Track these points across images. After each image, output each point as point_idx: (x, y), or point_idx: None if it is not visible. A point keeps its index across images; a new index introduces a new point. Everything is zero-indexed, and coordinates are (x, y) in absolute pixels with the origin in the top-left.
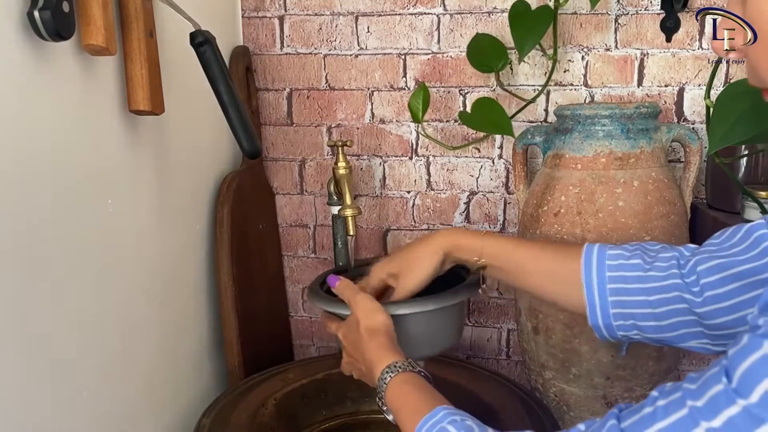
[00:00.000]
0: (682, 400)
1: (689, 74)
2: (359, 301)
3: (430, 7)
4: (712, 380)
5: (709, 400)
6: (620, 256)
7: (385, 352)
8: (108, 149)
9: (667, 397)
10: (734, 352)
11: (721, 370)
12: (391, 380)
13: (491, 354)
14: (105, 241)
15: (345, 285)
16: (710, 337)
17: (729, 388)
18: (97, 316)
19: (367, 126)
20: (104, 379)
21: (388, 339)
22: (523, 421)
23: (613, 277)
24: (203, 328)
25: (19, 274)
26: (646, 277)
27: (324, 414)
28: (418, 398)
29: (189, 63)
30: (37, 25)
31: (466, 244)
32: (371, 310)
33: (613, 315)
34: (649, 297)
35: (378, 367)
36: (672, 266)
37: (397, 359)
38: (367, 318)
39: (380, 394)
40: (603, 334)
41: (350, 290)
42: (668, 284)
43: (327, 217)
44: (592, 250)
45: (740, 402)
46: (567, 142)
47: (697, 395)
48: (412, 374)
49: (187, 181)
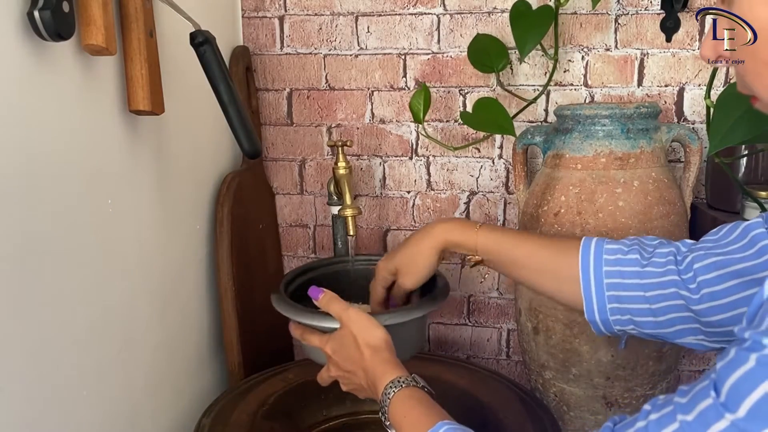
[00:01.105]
0: (673, 414)
1: (689, 74)
2: (352, 316)
3: (430, 7)
4: (701, 394)
5: (699, 415)
6: (618, 251)
7: (389, 367)
8: (108, 149)
9: (659, 411)
10: (722, 365)
11: (710, 384)
12: (394, 395)
13: (491, 354)
14: (105, 241)
15: (330, 298)
16: (707, 334)
17: (717, 403)
18: (97, 316)
19: (367, 126)
20: (104, 379)
21: (390, 354)
22: (523, 421)
23: (611, 271)
24: (203, 328)
25: (19, 274)
26: (644, 272)
27: (324, 414)
28: (421, 413)
29: (189, 63)
30: (37, 25)
31: (461, 240)
32: (368, 325)
33: (609, 310)
34: (646, 293)
35: (382, 382)
36: (669, 262)
37: (401, 374)
38: (365, 334)
39: (383, 409)
40: (600, 328)
41: (338, 304)
42: (665, 280)
43: (327, 217)
44: (590, 244)
45: (728, 416)
46: (567, 142)
47: (687, 409)
48: (415, 389)
49: (187, 181)
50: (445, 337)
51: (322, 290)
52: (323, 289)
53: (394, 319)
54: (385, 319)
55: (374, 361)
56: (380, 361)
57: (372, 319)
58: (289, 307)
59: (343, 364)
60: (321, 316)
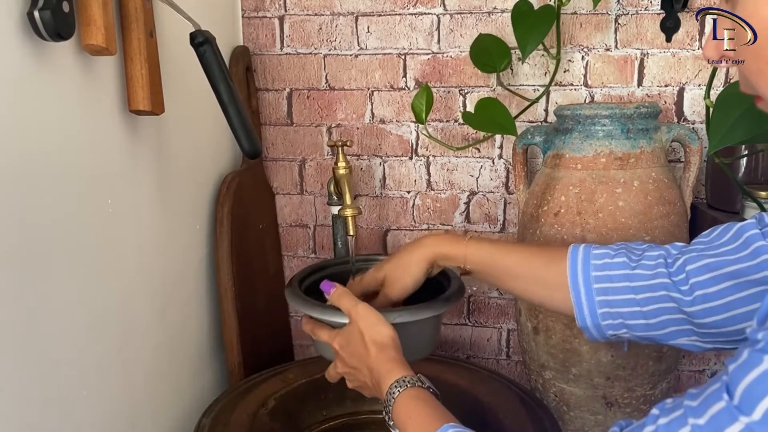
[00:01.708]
0: (683, 418)
1: (689, 74)
2: (360, 312)
3: (430, 7)
4: (713, 397)
5: (711, 418)
6: (605, 255)
7: (395, 366)
8: (108, 149)
9: (668, 414)
10: (735, 367)
11: (722, 387)
12: (399, 395)
13: (491, 354)
14: (105, 241)
15: (341, 293)
16: (700, 335)
17: (731, 406)
18: (97, 316)
19: (367, 126)
20: (104, 379)
21: (396, 352)
22: (523, 421)
23: (599, 276)
24: (203, 328)
25: (19, 274)
26: (633, 275)
27: (324, 414)
28: (426, 414)
29: (189, 63)
30: (37, 25)
31: (450, 252)
32: (375, 322)
33: (600, 315)
34: (636, 295)
35: (387, 381)
36: (659, 265)
37: (406, 374)
38: (372, 331)
39: (387, 409)
40: (592, 334)
41: (348, 299)
42: (655, 283)
43: (327, 217)
44: (577, 251)
45: (743, 419)
46: (567, 142)
47: (698, 413)
48: (420, 390)
49: (187, 181)
50: (445, 337)
51: (334, 285)
52: (335, 283)
53: (404, 317)
54: (395, 317)
55: (379, 359)
56: (386, 359)
57: (380, 315)
58: (301, 300)
59: (349, 360)
60: (331, 310)
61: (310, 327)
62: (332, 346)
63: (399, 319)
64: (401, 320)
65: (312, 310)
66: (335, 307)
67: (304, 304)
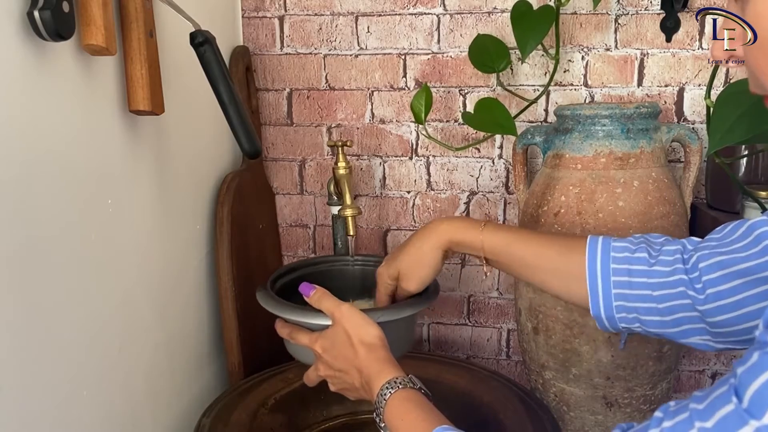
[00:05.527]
0: (689, 421)
1: (689, 74)
2: (345, 313)
3: (430, 7)
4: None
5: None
6: (626, 249)
7: (385, 366)
8: (108, 149)
9: (672, 417)
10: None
11: (731, 389)
12: (390, 396)
13: (491, 354)
14: (105, 241)
15: (321, 295)
16: (713, 335)
17: (740, 409)
18: (97, 316)
19: (367, 126)
20: (104, 379)
21: (386, 352)
22: (523, 421)
23: (619, 269)
24: (203, 328)
25: (19, 274)
26: (652, 271)
27: (324, 414)
28: (419, 416)
29: (189, 63)
30: (37, 25)
31: (465, 240)
32: (362, 323)
33: (615, 307)
34: (653, 292)
35: (378, 382)
36: (677, 261)
37: (398, 375)
38: (360, 331)
39: (378, 410)
40: (604, 324)
41: (330, 301)
42: (673, 280)
43: (327, 217)
44: (597, 242)
45: (753, 423)
46: (567, 142)
47: (705, 416)
48: (412, 391)
49: (187, 181)
50: (444, 337)
51: (313, 287)
52: (314, 285)
53: (388, 316)
54: (379, 316)
55: (369, 360)
56: (376, 359)
57: (366, 316)
58: (277, 303)
59: (333, 362)
60: (311, 312)
61: (287, 331)
62: (314, 349)
63: (383, 317)
64: (385, 319)
65: (290, 314)
66: (313, 309)
67: (281, 307)
